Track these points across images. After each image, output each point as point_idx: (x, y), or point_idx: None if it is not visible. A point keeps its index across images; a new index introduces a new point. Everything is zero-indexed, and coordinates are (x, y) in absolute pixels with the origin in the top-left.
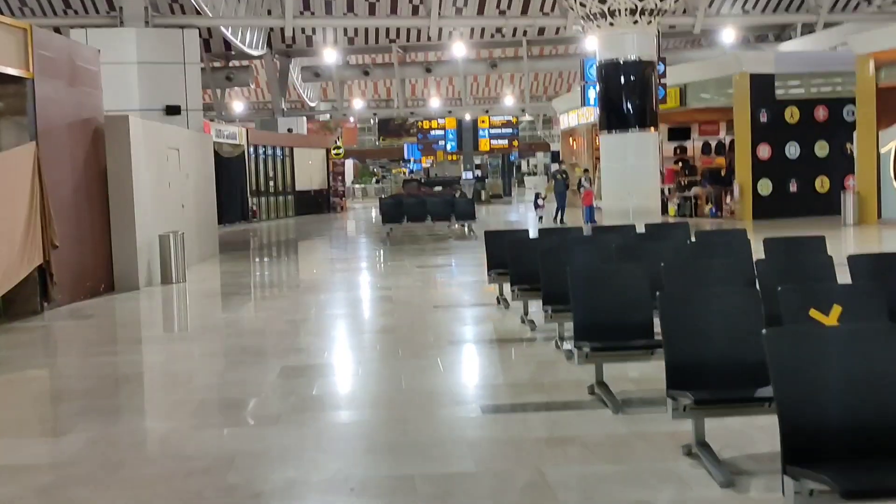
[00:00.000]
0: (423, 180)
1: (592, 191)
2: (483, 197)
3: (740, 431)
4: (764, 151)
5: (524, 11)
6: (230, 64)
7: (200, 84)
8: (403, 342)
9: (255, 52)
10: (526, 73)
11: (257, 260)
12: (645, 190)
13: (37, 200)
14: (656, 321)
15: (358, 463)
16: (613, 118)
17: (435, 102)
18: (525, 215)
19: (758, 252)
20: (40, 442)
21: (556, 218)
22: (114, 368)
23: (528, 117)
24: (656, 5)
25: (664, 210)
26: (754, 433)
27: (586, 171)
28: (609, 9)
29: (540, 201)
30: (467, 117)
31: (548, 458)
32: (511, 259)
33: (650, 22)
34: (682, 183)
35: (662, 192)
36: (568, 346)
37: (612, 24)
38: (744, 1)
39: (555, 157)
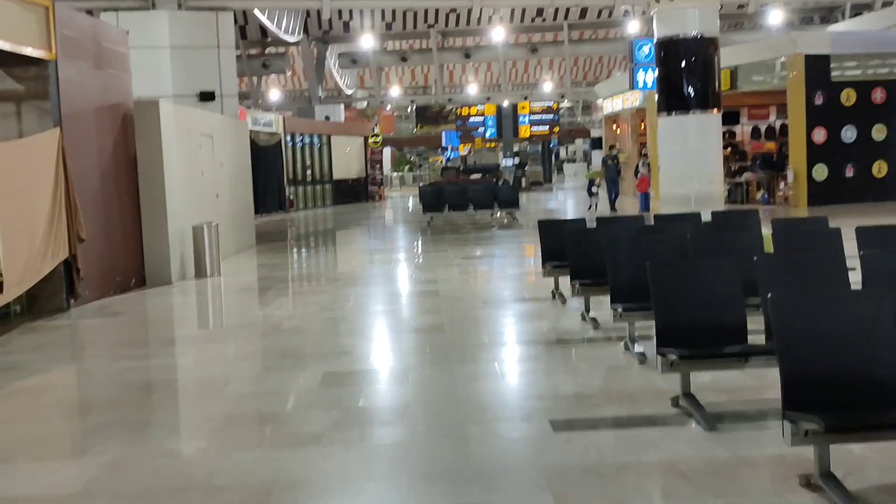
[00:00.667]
0: (461, 168)
1: (649, 177)
2: (523, 184)
3: (864, 457)
4: (819, 135)
5: None
6: (266, 51)
7: (235, 69)
8: (455, 343)
9: (291, 39)
10: (567, 57)
11: (295, 251)
12: (707, 175)
13: (61, 190)
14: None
15: (413, 494)
16: (673, 99)
17: (473, 89)
18: (566, 203)
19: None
20: (47, 466)
21: (612, 205)
22: (141, 374)
23: (567, 104)
24: None
25: None
26: (879, 458)
27: (644, 155)
28: None
29: (594, 188)
30: (505, 103)
31: (639, 489)
32: (571, 251)
33: None
34: (733, 168)
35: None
36: (640, 348)
37: None
38: None
39: (595, 143)
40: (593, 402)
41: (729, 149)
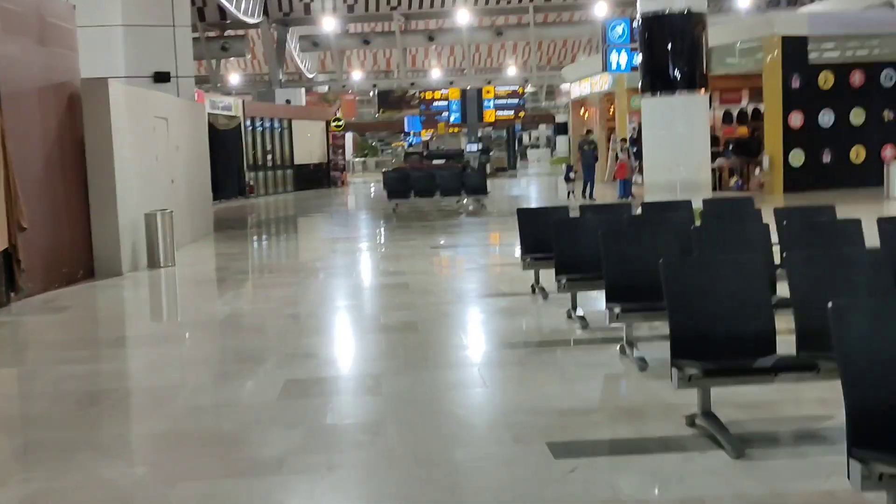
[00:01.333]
0: (425, 153)
1: (627, 162)
2: (488, 170)
3: None
4: (796, 120)
5: None
6: (225, 34)
7: (192, 50)
8: (430, 345)
9: (251, 21)
10: (532, 40)
11: (255, 240)
12: (694, 161)
13: (0, 176)
14: None
15: None
16: (658, 80)
17: (436, 73)
18: (533, 189)
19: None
20: None
21: (584, 192)
22: (80, 382)
23: (530, 88)
24: None
25: None
26: None
27: (623, 140)
28: None
29: (572, 174)
30: (468, 87)
31: None
32: (556, 243)
33: None
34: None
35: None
36: (639, 353)
37: None
38: None
39: (560, 128)
40: (595, 420)
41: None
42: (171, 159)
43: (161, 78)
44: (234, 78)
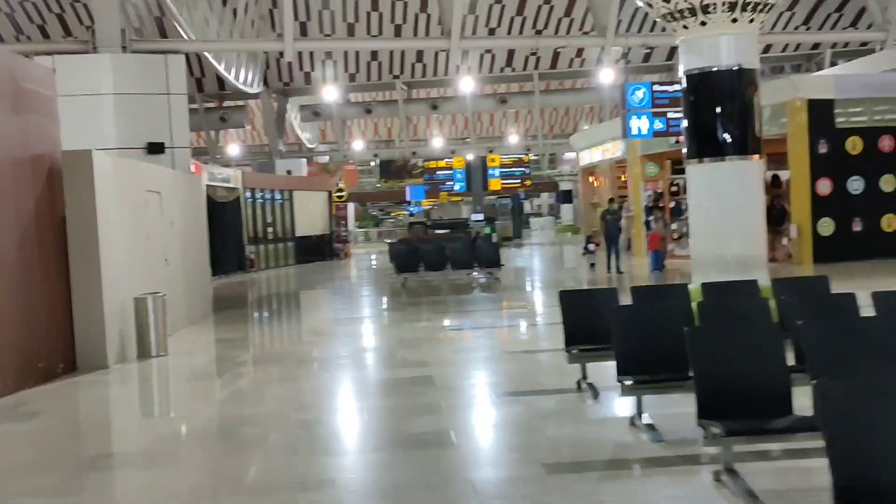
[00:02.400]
0: (428, 223)
1: (660, 232)
2: (494, 239)
3: None
4: (824, 187)
5: (539, 33)
6: (224, 104)
7: (188, 118)
8: (471, 466)
9: (251, 90)
10: (536, 107)
11: (256, 321)
12: (748, 233)
13: None
14: None
15: None
16: (705, 144)
17: (438, 142)
18: (545, 260)
19: None
20: None
21: (609, 264)
22: None
23: (532, 156)
24: None
25: None
26: None
27: (657, 207)
28: (702, 4)
29: (591, 245)
30: (470, 157)
31: None
32: (618, 336)
33: (752, 20)
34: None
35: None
36: (743, 482)
37: (703, 22)
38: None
39: (565, 196)
40: None
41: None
42: (165, 236)
43: (155, 149)
44: (234, 149)
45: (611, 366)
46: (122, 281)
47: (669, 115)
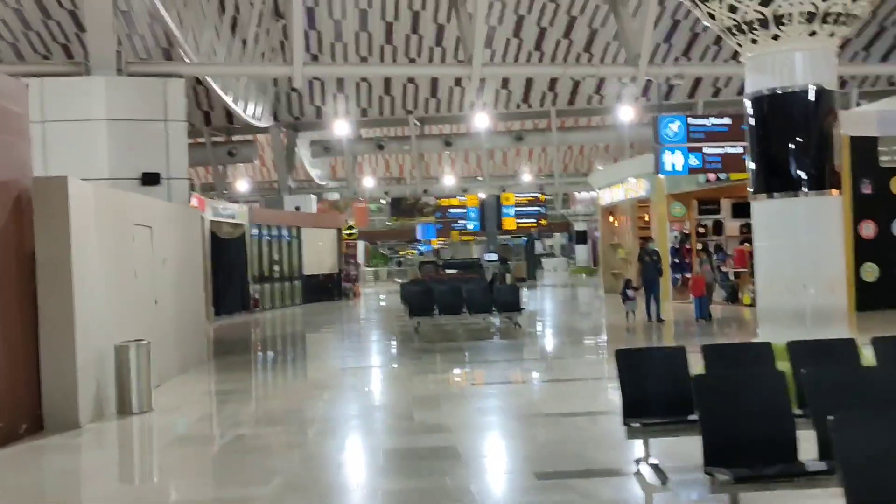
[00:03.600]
0: (440, 263)
1: (704, 276)
2: (508, 280)
3: None
4: (868, 229)
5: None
6: (233, 138)
7: (186, 147)
8: None
9: (259, 124)
10: (554, 145)
11: (256, 370)
12: (826, 280)
13: None
14: None
15: None
16: (774, 176)
17: (450, 180)
18: (564, 302)
19: None
20: None
21: (648, 312)
22: None
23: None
24: (845, 8)
25: (734, 298)
26: None
27: (705, 250)
28: (775, 14)
29: (630, 292)
30: (482, 195)
31: None
32: (706, 410)
33: (832, 34)
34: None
35: (727, 276)
36: None
37: (776, 36)
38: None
39: (580, 237)
40: None
41: (747, 244)
42: (156, 275)
43: (150, 180)
44: (242, 185)
45: (680, 442)
46: (100, 326)
47: (705, 150)
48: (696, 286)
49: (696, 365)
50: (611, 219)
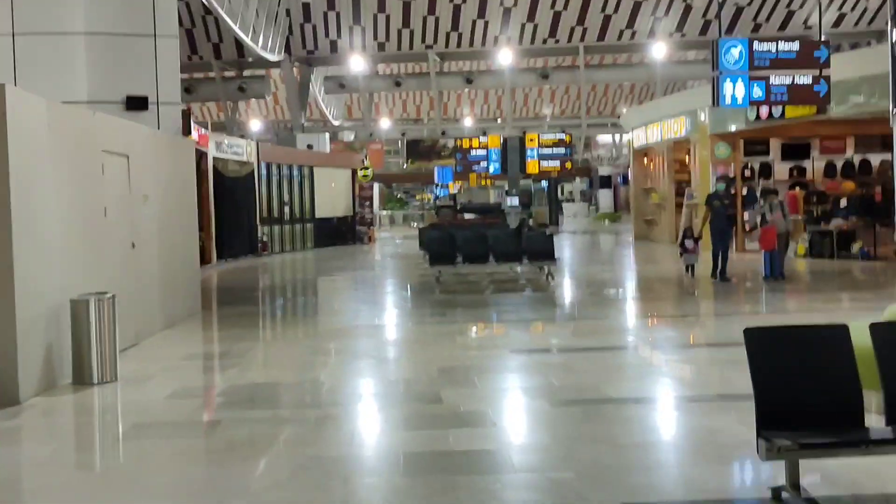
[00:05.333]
0: (458, 207)
1: (777, 225)
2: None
3: None
4: None
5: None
6: (244, 73)
7: (178, 68)
8: None
9: (272, 57)
10: (582, 83)
11: (254, 325)
12: None
13: None
14: None
15: None
16: None
17: (469, 121)
18: (586, 250)
19: None
20: None
21: (715, 270)
22: None
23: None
24: None
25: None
26: None
27: (772, 192)
28: None
29: (689, 242)
30: (504, 134)
31: None
32: (757, 367)
33: None
34: (815, 214)
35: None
36: None
37: None
38: None
39: (604, 181)
40: None
41: (797, 188)
42: (133, 214)
43: (135, 104)
44: (256, 124)
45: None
46: (53, 276)
47: (771, 79)
48: (766, 238)
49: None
50: (644, 161)
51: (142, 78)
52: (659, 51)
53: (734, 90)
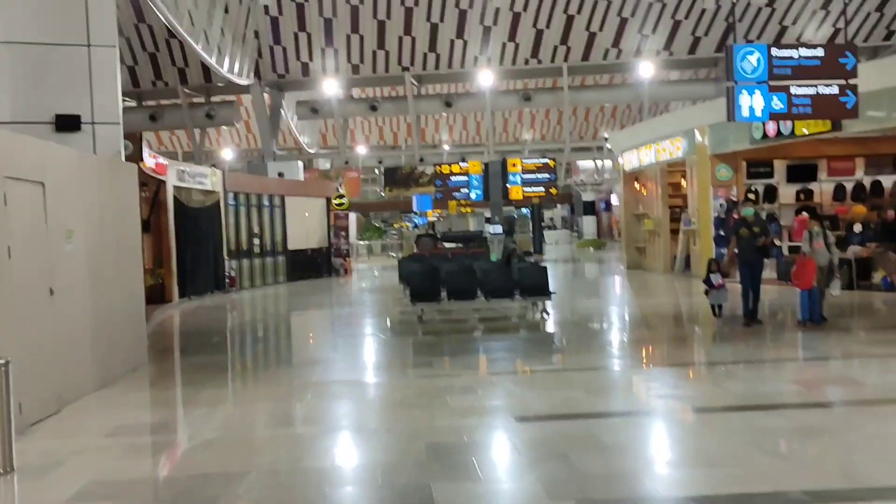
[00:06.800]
0: (439, 235)
1: (815, 257)
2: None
3: None
4: None
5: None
6: (212, 99)
7: (118, 82)
8: None
9: (240, 81)
10: (566, 105)
11: (203, 386)
12: None
13: None
14: None
15: None
16: None
17: (448, 146)
18: (578, 281)
19: None
20: None
21: (748, 310)
22: None
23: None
24: None
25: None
26: None
27: (816, 217)
28: None
29: (716, 277)
30: (484, 158)
31: None
32: None
33: None
34: (828, 240)
35: (769, 247)
36: None
37: None
38: None
39: (587, 208)
40: None
41: (804, 212)
42: (51, 254)
43: (66, 124)
44: (227, 153)
45: None
46: None
47: (793, 89)
48: (803, 273)
49: None
50: (636, 185)
51: (74, 94)
52: (646, 70)
53: (752, 102)
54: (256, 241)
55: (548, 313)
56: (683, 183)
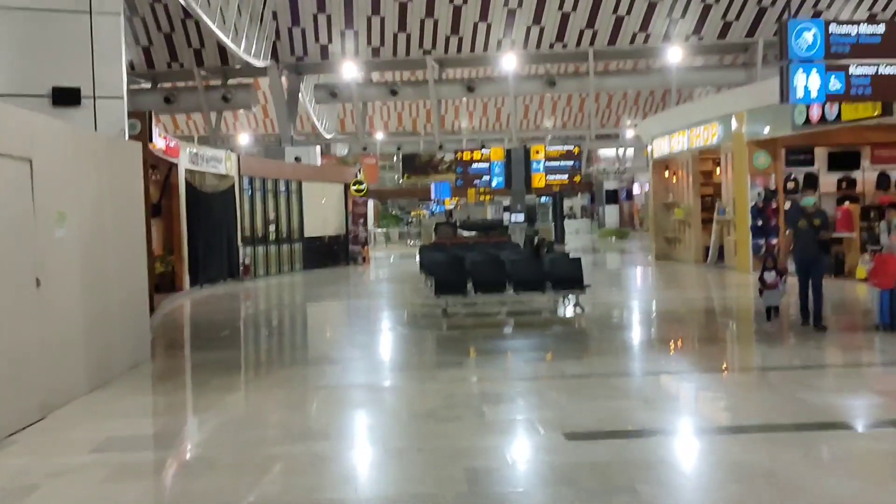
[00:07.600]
0: (458, 223)
1: (893, 252)
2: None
3: None
4: None
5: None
6: (228, 82)
7: (122, 53)
8: None
9: (257, 63)
10: (592, 90)
11: (207, 388)
12: None
13: None
14: None
15: None
16: None
17: (468, 132)
18: (605, 271)
19: None
20: None
21: (805, 314)
22: None
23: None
24: None
25: (839, 271)
26: None
27: (893, 206)
28: None
29: (770, 275)
30: (506, 144)
31: None
32: None
33: None
34: (875, 230)
35: (830, 242)
36: None
37: None
38: None
39: (610, 196)
40: None
41: (847, 202)
42: (39, 240)
43: (64, 98)
44: (243, 138)
45: None
46: None
47: (851, 69)
48: (882, 270)
49: None
50: (665, 173)
51: (73, 65)
52: (675, 55)
53: (807, 82)
54: (272, 227)
55: (582, 308)
56: (717, 171)
